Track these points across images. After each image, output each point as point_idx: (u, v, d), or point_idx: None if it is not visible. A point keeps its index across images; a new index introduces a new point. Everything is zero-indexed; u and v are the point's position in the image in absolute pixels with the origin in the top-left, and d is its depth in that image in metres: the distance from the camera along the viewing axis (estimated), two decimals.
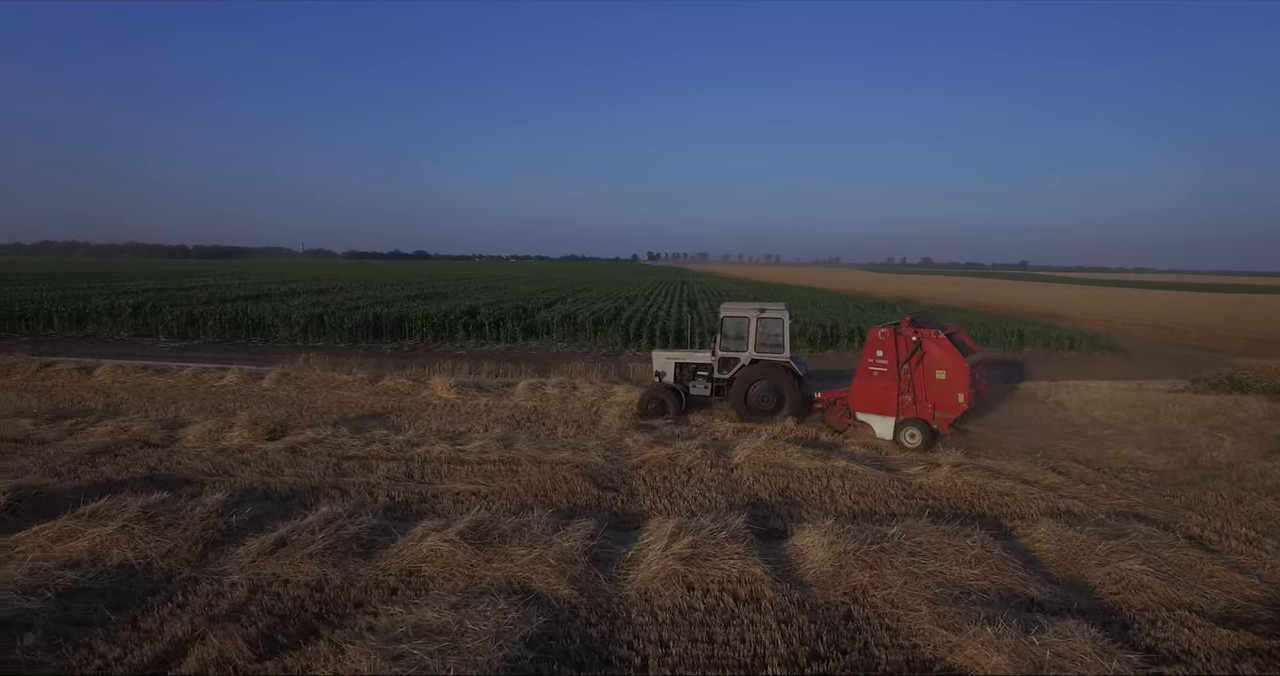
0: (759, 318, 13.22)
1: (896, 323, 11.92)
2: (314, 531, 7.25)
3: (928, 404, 11.54)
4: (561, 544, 6.99)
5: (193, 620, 5.78)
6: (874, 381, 11.87)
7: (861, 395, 12.05)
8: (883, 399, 11.81)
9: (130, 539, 7.01)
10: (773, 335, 13.25)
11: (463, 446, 10.89)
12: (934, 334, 11.52)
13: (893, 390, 11.69)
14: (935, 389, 11.48)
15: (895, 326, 11.78)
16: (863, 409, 12.13)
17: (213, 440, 11.05)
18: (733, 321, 13.56)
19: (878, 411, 11.94)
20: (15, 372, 16.08)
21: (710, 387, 13.60)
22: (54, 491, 8.32)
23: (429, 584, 6.50)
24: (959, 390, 11.34)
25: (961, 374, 11.33)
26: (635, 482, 9.61)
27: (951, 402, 11.41)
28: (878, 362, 11.84)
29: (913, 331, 11.57)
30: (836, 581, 6.65)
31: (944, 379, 11.41)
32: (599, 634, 5.76)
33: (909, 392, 11.58)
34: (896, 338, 11.66)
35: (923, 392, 11.53)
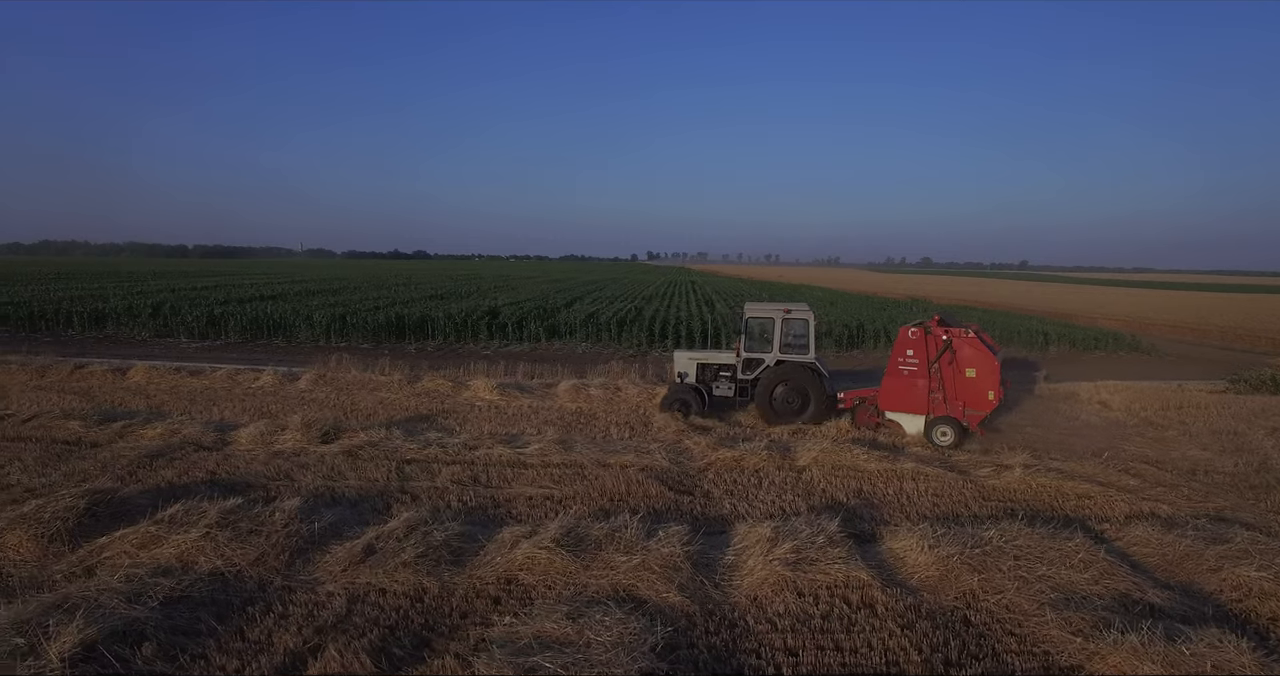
0: (784, 318, 13.08)
1: (925, 322, 12.04)
2: (400, 539, 7.09)
3: (958, 402, 11.69)
4: (660, 550, 6.84)
5: (300, 631, 5.62)
6: (904, 380, 11.95)
7: (891, 394, 12.12)
8: (913, 397, 11.91)
9: (216, 546, 6.84)
10: (797, 336, 13.12)
11: (521, 449, 10.74)
12: (963, 333, 11.69)
13: (923, 389, 11.79)
14: (965, 387, 11.64)
15: (925, 326, 11.90)
16: (893, 408, 12.20)
17: (265, 443, 10.87)
18: (757, 322, 13.42)
19: (908, 410, 12.04)
20: (50, 374, 15.87)
21: (734, 388, 13.43)
22: (125, 496, 8.14)
23: (531, 593, 6.35)
24: (989, 388, 11.55)
25: (992, 372, 11.54)
26: (707, 486, 9.46)
27: (982, 400, 11.62)
28: (908, 362, 11.93)
29: (943, 330, 11.72)
30: (945, 586, 6.52)
31: (974, 377, 11.58)
32: (722, 643, 5.62)
33: (939, 391, 11.69)
34: (927, 337, 11.77)
35: (953, 391, 11.68)
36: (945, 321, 11.99)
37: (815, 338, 13.14)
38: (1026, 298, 53.40)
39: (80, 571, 6.58)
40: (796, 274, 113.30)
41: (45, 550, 6.89)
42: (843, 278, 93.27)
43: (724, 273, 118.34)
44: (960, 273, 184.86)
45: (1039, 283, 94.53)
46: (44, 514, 7.23)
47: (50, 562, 6.75)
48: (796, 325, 13.13)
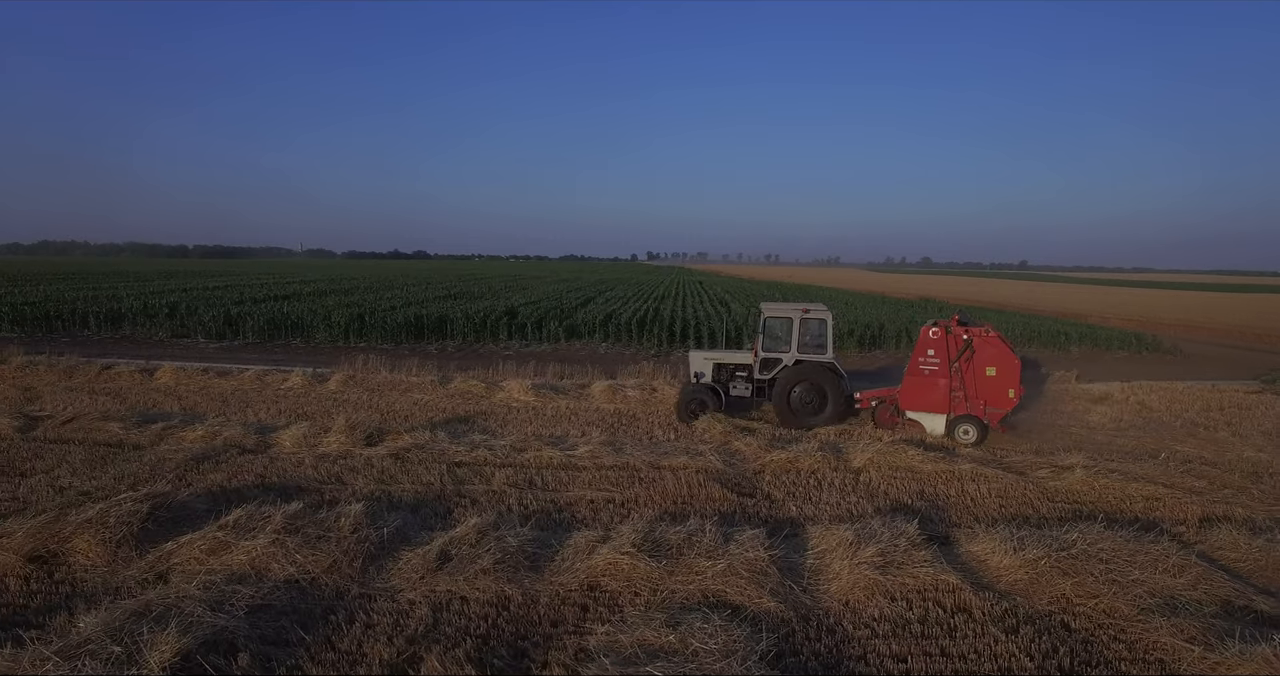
0: (802, 318, 12.96)
1: (946, 322, 12.07)
2: (473, 545, 6.94)
3: (979, 400, 11.75)
4: (744, 554, 6.69)
5: (391, 641, 5.46)
6: (926, 380, 11.96)
7: (913, 393, 12.11)
8: (935, 397, 11.93)
9: (287, 552, 6.67)
10: (816, 336, 13.01)
11: (570, 452, 10.59)
12: (984, 332, 11.78)
13: (945, 388, 11.83)
14: (986, 385, 11.72)
15: (945, 325, 11.92)
16: (914, 407, 12.20)
17: (309, 446, 10.70)
18: (775, 322, 13.28)
19: (929, 409, 12.07)
20: (78, 374, 15.69)
21: (751, 389, 13.28)
22: (183, 500, 7.96)
23: (617, 600, 6.20)
24: (1010, 386, 11.65)
25: (1012, 370, 11.64)
26: (767, 488, 9.33)
27: (1003, 398, 11.73)
28: (929, 361, 11.94)
29: (963, 330, 11.78)
30: (1036, 590, 6.40)
31: (994, 375, 11.64)
32: (826, 649, 5.48)
33: (960, 390, 11.75)
34: (948, 336, 11.80)
35: (973, 389, 11.74)
36: (965, 321, 12.07)
37: (833, 337, 13.03)
38: (1035, 298, 53.36)
39: (152, 577, 6.43)
40: (798, 274, 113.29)
41: (114, 555, 6.73)
42: (846, 278, 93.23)
43: (726, 272, 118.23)
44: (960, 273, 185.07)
45: (1042, 282, 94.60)
46: (109, 518, 7.06)
47: (120, 568, 6.59)
48: (815, 325, 13.04)
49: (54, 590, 6.21)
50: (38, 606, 5.93)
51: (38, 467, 9.47)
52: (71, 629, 5.27)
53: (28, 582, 6.31)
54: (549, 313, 28.26)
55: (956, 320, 12.06)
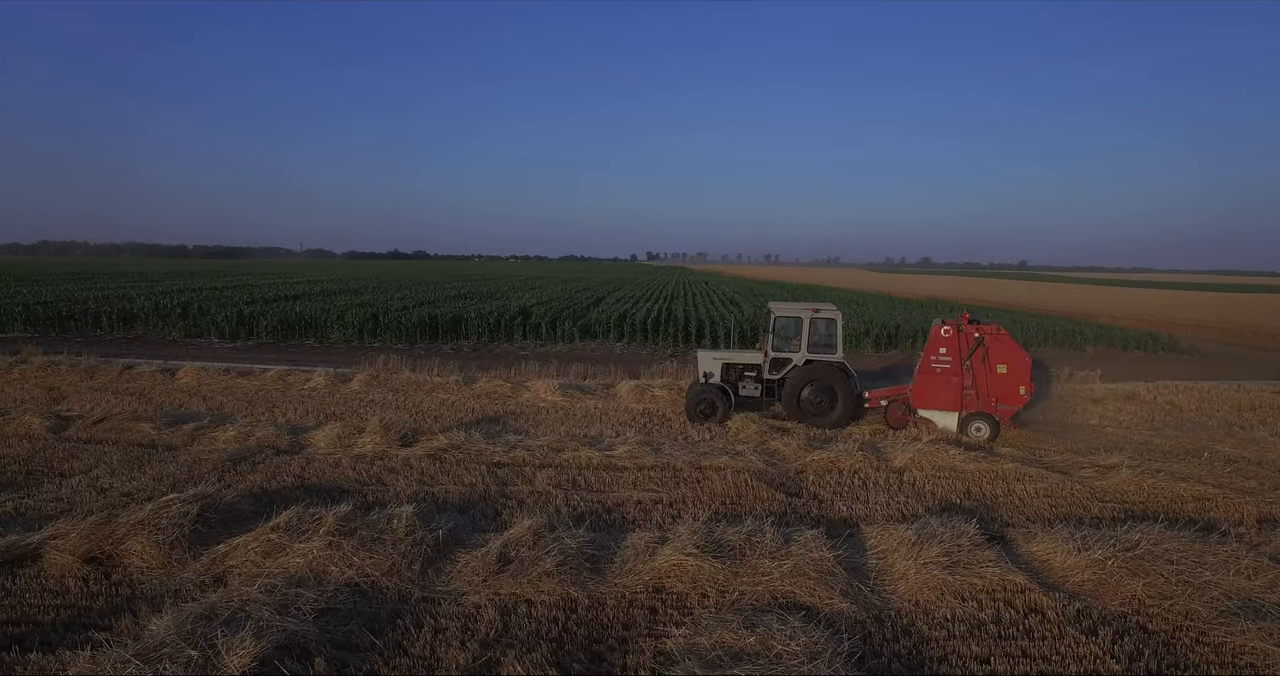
0: (813, 318, 12.88)
1: (957, 320, 12.13)
2: (531, 547, 6.83)
3: (990, 398, 11.84)
4: (808, 554, 6.61)
5: (464, 646, 5.37)
6: (938, 378, 12.00)
7: (925, 392, 12.14)
8: (947, 394, 11.99)
9: (343, 555, 6.57)
10: (826, 335, 12.94)
11: (608, 452, 10.50)
12: (994, 330, 11.91)
13: (957, 386, 11.88)
14: (997, 383, 11.81)
15: (957, 324, 11.97)
16: (926, 405, 12.22)
17: (344, 446, 10.60)
18: (785, 321, 13.20)
19: (942, 407, 12.11)
20: (99, 374, 15.57)
21: (761, 389, 13.17)
22: (229, 502, 7.86)
23: (685, 601, 6.12)
24: (1020, 383, 11.78)
25: (1023, 368, 11.78)
26: (813, 488, 9.26)
27: (1013, 395, 11.88)
28: (941, 359, 11.99)
29: (974, 328, 11.87)
30: (1105, 591, 6.32)
31: (1005, 373, 11.76)
32: (906, 650, 5.41)
33: (972, 388, 11.82)
34: (959, 335, 11.87)
35: (984, 387, 11.82)
36: (975, 319, 12.18)
37: (843, 337, 12.96)
38: (1042, 298, 53.36)
39: (209, 580, 6.34)
40: (800, 274, 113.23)
41: (168, 557, 6.63)
42: (849, 278, 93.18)
43: (728, 272, 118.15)
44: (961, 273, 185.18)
45: (1043, 282, 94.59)
46: (161, 520, 6.96)
47: (176, 570, 6.50)
48: (825, 324, 12.96)
49: (114, 591, 6.12)
50: (100, 608, 5.83)
51: (76, 468, 9.37)
52: (143, 631, 5.19)
53: (87, 584, 6.21)
54: (562, 313, 28.15)
55: (967, 318, 12.12)
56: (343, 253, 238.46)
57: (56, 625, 5.57)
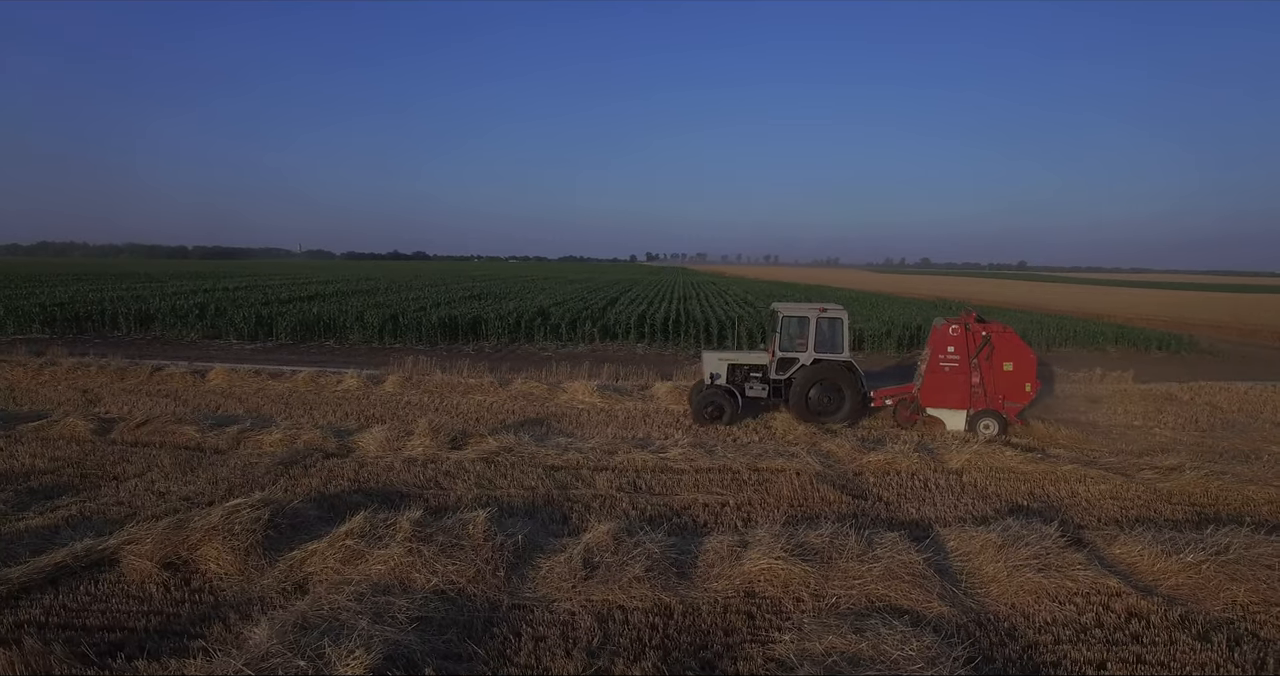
0: (819, 317, 12.80)
1: (965, 319, 12.21)
2: (613, 551, 6.73)
3: (998, 395, 11.93)
4: (896, 557, 6.51)
5: (569, 654, 5.26)
6: (946, 376, 12.04)
7: (934, 390, 12.16)
8: (956, 393, 12.05)
9: (424, 561, 6.45)
10: (832, 335, 12.86)
11: (662, 455, 10.39)
12: (1000, 328, 12.04)
13: (965, 384, 11.95)
14: (1004, 380, 11.91)
15: (965, 323, 12.05)
16: (935, 404, 12.27)
17: (393, 449, 10.47)
18: (791, 321, 13.10)
19: (951, 405, 12.18)
20: (129, 376, 15.41)
21: (767, 389, 13.06)
22: (295, 507, 7.73)
23: (780, 606, 6.02)
24: (1026, 380, 11.94)
25: (1029, 365, 11.95)
26: (877, 490, 9.17)
27: (1019, 392, 12.01)
28: (949, 358, 12.03)
29: (981, 327, 11.96)
30: (1204, 595, 6.24)
31: (1011, 370, 11.87)
32: (1017, 654, 5.34)
33: (980, 386, 11.91)
34: (967, 333, 11.95)
35: (991, 385, 11.90)
36: (981, 318, 12.31)
37: (849, 336, 12.90)
38: (1051, 298, 53.39)
39: (290, 587, 6.22)
40: (802, 275, 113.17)
41: (244, 563, 6.51)
42: (854, 278, 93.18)
43: (730, 273, 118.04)
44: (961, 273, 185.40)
45: (1046, 283, 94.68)
46: (234, 526, 6.83)
47: (254, 576, 6.38)
48: (832, 324, 12.87)
49: (197, 598, 6.00)
50: (188, 615, 5.72)
51: (129, 471, 9.23)
52: (244, 640, 5.06)
53: (168, 590, 6.09)
54: (581, 314, 28.04)
55: (974, 317, 12.22)
56: (342, 253, 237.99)
57: (150, 631, 5.46)
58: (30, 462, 9.37)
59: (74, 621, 5.58)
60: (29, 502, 7.96)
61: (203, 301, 28.39)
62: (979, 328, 11.94)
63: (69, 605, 5.80)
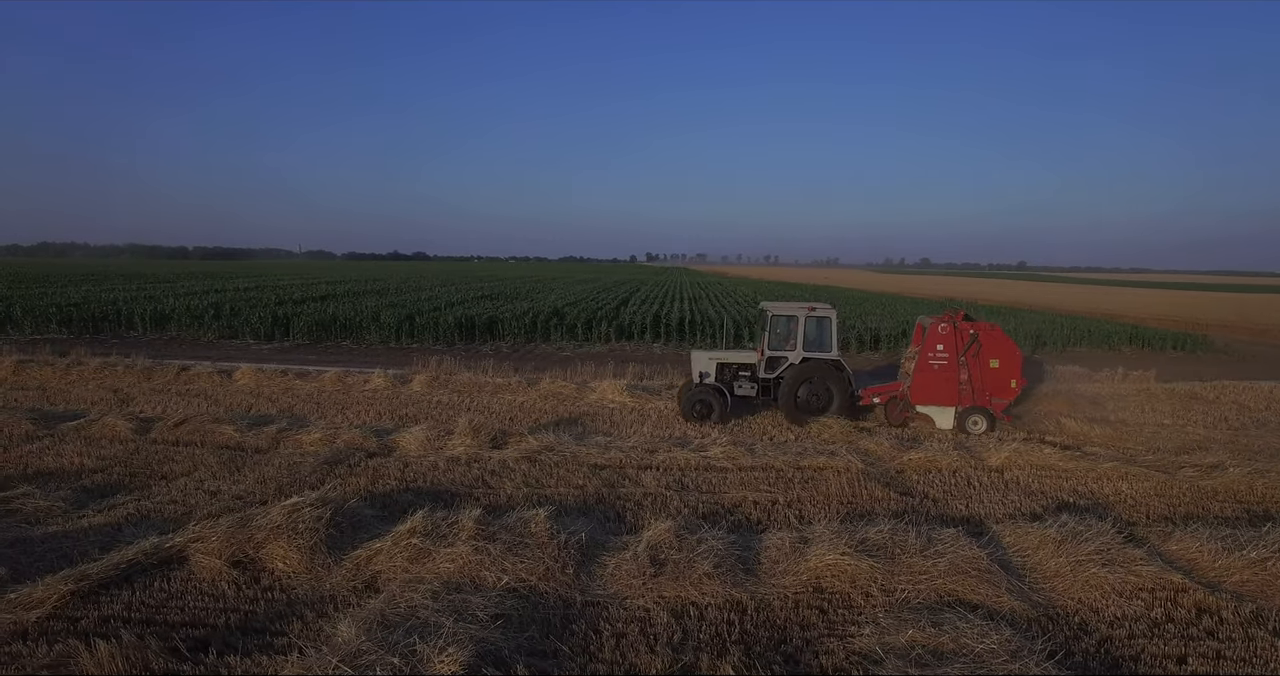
0: (808, 316, 12.84)
1: (953, 317, 12.42)
2: (676, 549, 6.74)
3: (985, 392, 12.13)
4: (958, 552, 6.54)
5: (653, 649, 5.29)
6: (935, 374, 12.20)
7: (924, 388, 12.30)
8: (945, 390, 12.22)
9: (492, 559, 6.47)
10: (821, 334, 12.90)
11: (703, 453, 10.42)
12: (987, 326, 12.29)
13: (954, 382, 12.13)
14: (990, 377, 12.17)
15: (953, 321, 12.26)
16: (925, 401, 12.41)
17: (434, 448, 10.49)
18: (780, 320, 13.12)
19: (940, 402, 12.34)
20: (156, 376, 15.42)
21: (756, 388, 13.09)
22: (351, 507, 7.73)
23: (850, 601, 6.06)
24: (1012, 376, 12.19)
25: (1014, 362, 12.22)
26: (923, 487, 9.22)
27: (1005, 389, 12.28)
28: (938, 356, 12.21)
29: (968, 325, 12.19)
30: (1273, 592, 6.28)
31: (998, 367, 12.11)
32: (1092, 648, 5.39)
33: (968, 383, 12.10)
34: (955, 331, 12.12)
35: (979, 382, 12.11)
36: (969, 316, 12.54)
37: (837, 335, 12.94)
38: (1057, 298, 53.50)
39: (361, 585, 6.25)
40: (804, 275, 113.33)
41: (310, 561, 6.53)
42: (857, 279, 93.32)
43: (732, 274, 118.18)
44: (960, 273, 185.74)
45: (1049, 283, 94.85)
46: (298, 524, 6.85)
47: (322, 574, 6.41)
48: (820, 323, 12.92)
49: (269, 596, 6.02)
50: (264, 613, 5.74)
51: (176, 470, 9.26)
52: (332, 637, 5.08)
53: (240, 588, 6.11)
54: (596, 313, 28.08)
55: (962, 316, 12.44)
56: (343, 254, 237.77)
57: (232, 628, 5.48)
58: (79, 461, 9.39)
59: (155, 617, 5.60)
60: (85, 501, 7.98)
61: (217, 301, 28.39)
62: (967, 326, 12.15)
63: (147, 601, 5.83)
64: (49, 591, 5.65)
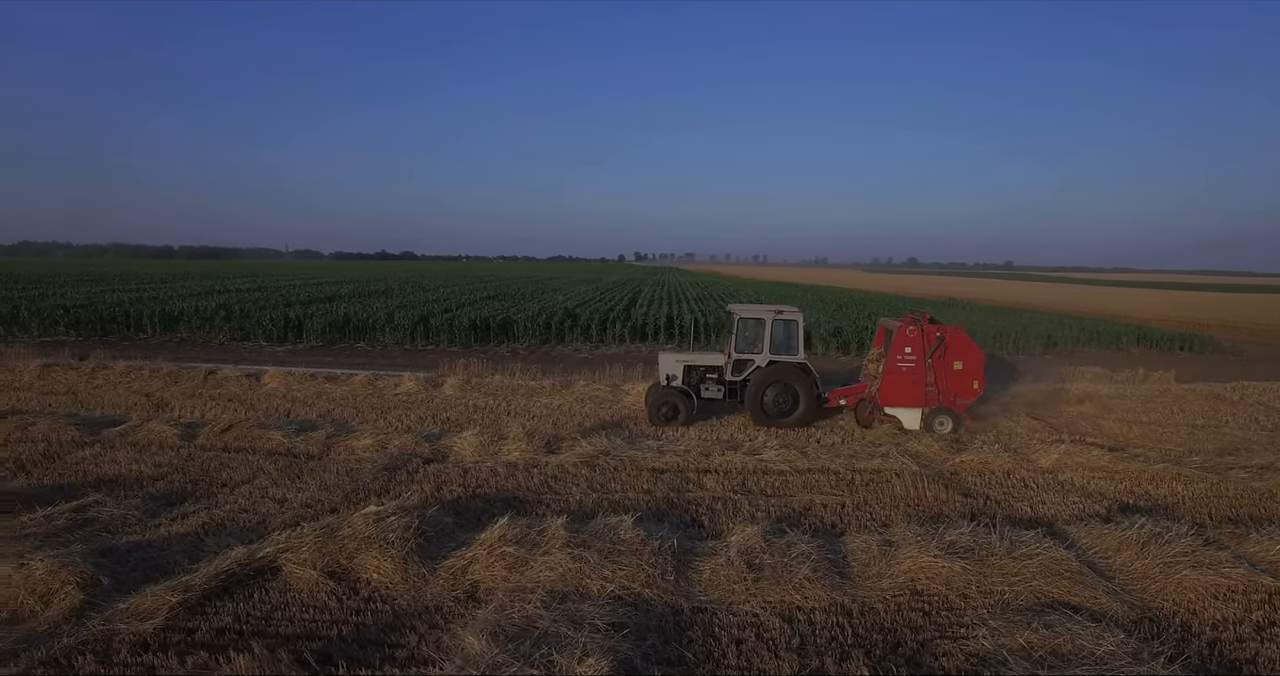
0: (775, 319, 12.95)
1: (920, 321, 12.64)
2: (770, 553, 6.80)
3: (950, 393, 12.42)
4: (1045, 554, 6.64)
5: (777, 655, 5.33)
6: (904, 376, 12.41)
7: (892, 390, 12.50)
8: (913, 392, 12.43)
9: (592, 567, 6.44)
10: (788, 337, 13.02)
11: (758, 456, 10.47)
12: (952, 329, 12.56)
13: (921, 383, 12.35)
14: (954, 379, 12.42)
15: (920, 324, 12.49)
16: (893, 403, 12.60)
17: (490, 454, 10.43)
18: (747, 323, 13.20)
19: (908, 404, 12.54)
20: (184, 380, 15.18)
21: (723, 390, 13.17)
22: (432, 515, 7.66)
23: (949, 603, 6.14)
24: (975, 378, 12.47)
25: (978, 363, 12.48)
26: (983, 489, 9.33)
27: (968, 390, 12.57)
28: (906, 358, 12.41)
29: (935, 328, 12.43)
30: None
31: (961, 369, 12.38)
32: (1207, 650, 5.49)
33: (934, 384, 12.35)
34: (923, 334, 12.37)
35: (944, 383, 12.36)
36: (935, 319, 12.81)
37: (803, 338, 13.06)
38: (1053, 298, 54.17)
39: (462, 595, 6.21)
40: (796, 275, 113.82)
41: (405, 571, 6.48)
42: (852, 279, 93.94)
43: (725, 273, 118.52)
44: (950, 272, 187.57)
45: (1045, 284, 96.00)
46: (388, 534, 6.80)
47: (419, 584, 6.36)
48: (787, 326, 13.03)
49: (373, 607, 5.96)
50: (374, 624, 5.68)
51: (235, 478, 9.13)
52: (460, 649, 5.06)
53: (340, 599, 6.05)
54: (608, 314, 28.08)
55: (928, 319, 12.66)
56: (330, 253, 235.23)
57: (346, 640, 5.43)
58: (136, 469, 9.24)
59: (266, 629, 5.54)
60: (156, 509, 7.86)
61: (226, 303, 28.01)
62: (934, 329, 12.37)
63: (253, 613, 5.76)
64: (158, 602, 5.57)
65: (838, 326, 24.83)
